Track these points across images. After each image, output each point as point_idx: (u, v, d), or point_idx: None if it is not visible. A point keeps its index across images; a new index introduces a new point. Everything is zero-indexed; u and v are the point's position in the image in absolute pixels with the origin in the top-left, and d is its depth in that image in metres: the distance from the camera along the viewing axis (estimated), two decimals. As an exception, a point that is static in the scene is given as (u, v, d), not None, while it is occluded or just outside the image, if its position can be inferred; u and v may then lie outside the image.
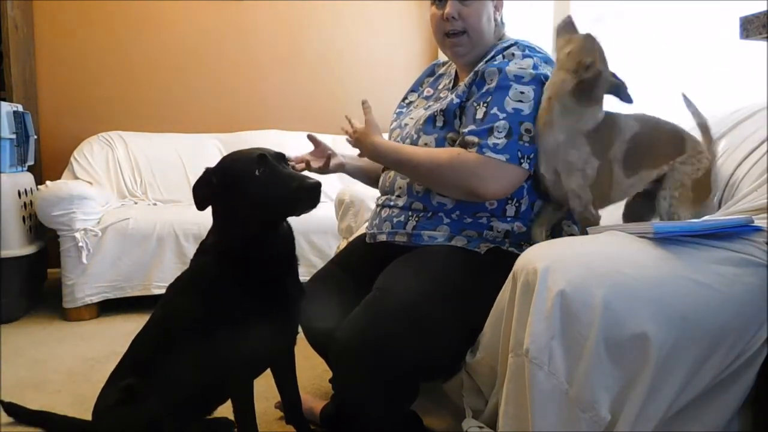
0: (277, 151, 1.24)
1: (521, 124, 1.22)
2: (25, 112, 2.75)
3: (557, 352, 0.89)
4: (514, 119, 1.22)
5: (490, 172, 1.21)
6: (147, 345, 1.34)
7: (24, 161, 2.76)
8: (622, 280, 0.91)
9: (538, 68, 1.26)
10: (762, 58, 1.52)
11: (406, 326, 1.11)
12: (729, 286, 0.94)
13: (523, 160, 1.21)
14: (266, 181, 1.18)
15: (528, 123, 1.22)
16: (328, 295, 1.44)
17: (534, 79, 1.25)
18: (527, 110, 1.23)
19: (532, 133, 1.22)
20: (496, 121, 1.22)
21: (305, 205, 1.19)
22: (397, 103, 1.59)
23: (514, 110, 1.22)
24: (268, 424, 1.59)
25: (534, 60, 1.27)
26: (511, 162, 1.20)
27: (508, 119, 1.22)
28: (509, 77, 1.26)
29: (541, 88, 1.24)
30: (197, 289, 1.28)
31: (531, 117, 1.22)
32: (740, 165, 1.30)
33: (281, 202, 1.19)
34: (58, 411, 1.57)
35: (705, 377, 0.92)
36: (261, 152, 1.20)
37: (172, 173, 3.19)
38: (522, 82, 1.25)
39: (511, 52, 1.30)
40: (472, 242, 1.27)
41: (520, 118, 1.22)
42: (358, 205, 2.18)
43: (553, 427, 0.89)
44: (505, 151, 1.20)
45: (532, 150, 1.22)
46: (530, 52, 1.29)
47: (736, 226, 1.02)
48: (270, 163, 1.19)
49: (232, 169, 1.22)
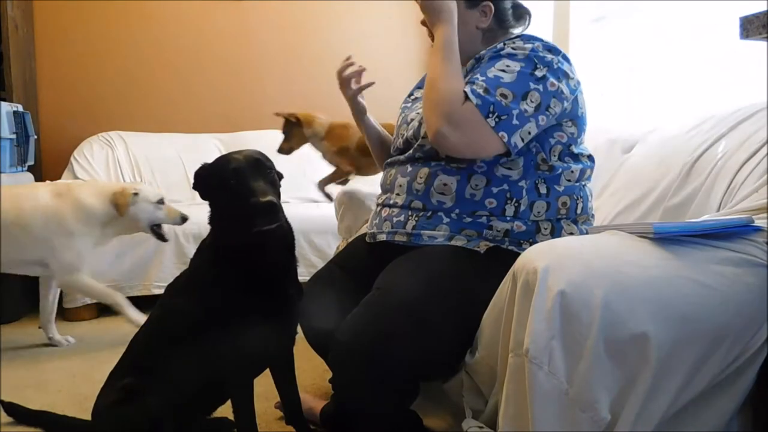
0: (258, 158, 1.24)
1: (497, 88, 1.22)
2: (25, 112, 2.75)
3: (557, 352, 0.89)
4: (492, 83, 1.22)
5: (464, 124, 1.21)
6: (146, 345, 1.34)
7: (24, 161, 2.76)
8: (622, 280, 0.91)
9: (536, 52, 1.26)
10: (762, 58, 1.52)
11: (406, 326, 1.11)
12: (729, 286, 0.94)
13: (491, 115, 1.20)
14: (233, 191, 1.19)
15: (504, 89, 1.22)
16: (328, 295, 1.44)
17: (526, 58, 1.25)
18: (507, 79, 1.23)
19: (508, 99, 1.21)
20: (476, 81, 1.24)
21: (259, 222, 1.18)
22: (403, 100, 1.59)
23: (494, 76, 1.23)
24: (268, 424, 1.59)
25: (535, 45, 1.27)
26: (480, 110, 1.20)
27: (486, 81, 1.23)
28: (502, 54, 1.27)
29: (533, 67, 1.24)
30: (196, 289, 1.28)
31: (508, 85, 1.22)
32: (742, 167, 1.30)
33: (241, 217, 1.18)
34: (58, 411, 1.57)
35: (705, 377, 0.92)
36: (236, 164, 1.20)
37: (172, 173, 3.18)
38: (512, 58, 1.25)
39: (514, 41, 1.31)
40: (471, 241, 1.27)
41: (497, 83, 1.22)
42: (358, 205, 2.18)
43: (553, 427, 0.88)
44: (479, 97, 1.21)
45: (505, 110, 1.21)
46: (534, 41, 1.30)
47: (736, 226, 1.02)
48: (241, 174, 1.19)
49: (212, 173, 1.24)
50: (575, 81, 1.31)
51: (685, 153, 1.54)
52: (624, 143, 1.86)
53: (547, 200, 1.29)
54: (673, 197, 1.51)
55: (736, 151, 1.36)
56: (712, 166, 1.42)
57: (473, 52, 1.37)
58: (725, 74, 1.94)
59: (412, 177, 1.35)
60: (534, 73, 1.23)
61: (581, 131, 1.35)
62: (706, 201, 1.40)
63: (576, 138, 1.34)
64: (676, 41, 2.17)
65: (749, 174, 1.26)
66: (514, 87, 1.22)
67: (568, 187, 1.32)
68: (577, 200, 1.34)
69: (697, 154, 1.50)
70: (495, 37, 1.40)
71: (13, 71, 2.92)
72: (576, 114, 1.32)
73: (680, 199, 1.49)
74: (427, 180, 1.32)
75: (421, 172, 1.33)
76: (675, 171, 1.54)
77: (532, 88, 1.23)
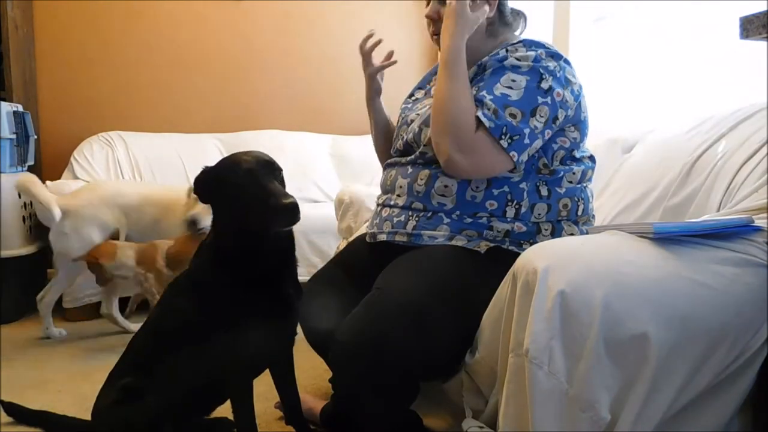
0: (268, 160, 1.24)
1: (506, 108, 1.22)
2: (25, 112, 2.75)
3: (557, 352, 0.89)
4: (500, 102, 1.22)
5: (476, 147, 1.21)
6: (145, 344, 1.34)
7: (24, 161, 2.76)
8: (622, 280, 0.91)
9: (539, 61, 1.26)
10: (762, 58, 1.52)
11: (406, 326, 1.11)
12: (729, 286, 0.94)
13: (504, 137, 1.21)
14: (248, 193, 1.18)
15: (513, 108, 1.22)
16: (328, 295, 1.44)
17: (531, 70, 1.25)
18: (514, 96, 1.23)
19: (518, 119, 1.21)
20: (483, 100, 1.23)
21: (281, 223, 1.18)
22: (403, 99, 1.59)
23: (501, 95, 1.23)
24: (268, 424, 1.59)
25: (537, 53, 1.27)
26: (493, 133, 1.20)
27: (494, 101, 1.22)
28: (506, 66, 1.26)
29: (538, 78, 1.24)
30: (195, 289, 1.28)
31: (517, 103, 1.22)
32: (742, 167, 1.30)
33: (258, 218, 1.18)
34: (58, 411, 1.57)
35: (705, 377, 0.92)
36: (249, 165, 1.19)
37: (172, 173, 3.18)
38: (517, 71, 1.25)
39: (516, 47, 1.30)
40: (472, 241, 1.27)
41: (505, 101, 1.22)
42: (358, 205, 2.18)
43: (553, 427, 0.88)
44: (491, 120, 1.21)
45: (516, 131, 1.21)
46: (536, 47, 1.29)
47: (736, 226, 1.02)
48: (255, 176, 1.19)
49: (220, 175, 1.23)
50: (578, 86, 1.32)
51: (685, 153, 1.54)
52: (624, 143, 1.86)
53: (548, 202, 1.29)
54: (673, 197, 1.51)
55: (736, 151, 1.36)
56: (712, 166, 1.42)
57: (477, 49, 1.35)
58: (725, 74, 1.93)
59: (413, 178, 1.35)
60: (540, 85, 1.23)
61: (584, 135, 1.35)
62: (706, 201, 1.40)
63: (578, 142, 1.34)
64: (676, 41, 2.17)
65: (749, 174, 1.26)
66: (523, 104, 1.22)
67: (570, 189, 1.32)
68: (578, 202, 1.33)
69: (697, 154, 1.50)
70: (496, 31, 1.39)
71: (13, 71, 2.91)
72: (579, 118, 1.32)
73: (680, 199, 1.49)
74: (427, 182, 1.32)
75: (422, 173, 1.33)
76: (675, 171, 1.54)
77: (540, 102, 1.23)
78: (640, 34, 2.37)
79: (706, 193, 1.41)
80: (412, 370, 1.16)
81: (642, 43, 2.36)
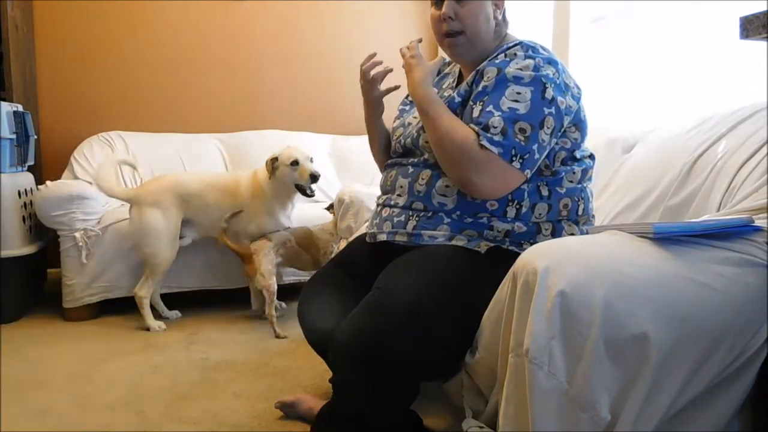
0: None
1: (515, 123, 1.22)
2: (25, 112, 2.75)
3: (557, 352, 0.89)
4: (509, 117, 1.22)
5: (489, 170, 1.21)
6: None
7: (24, 161, 2.76)
8: (622, 280, 0.91)
9: (539, 69, 1.26)
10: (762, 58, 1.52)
11: (406, 326, 1.11)
12: (729, 286, 0.94)
13: (515, 159, 1.21)
14: None
15: (522, 122, 1.22)
16: (328, 295, 1.44)
17: (533, 81, 1.25)
18: (522, 110, 1.23)
19: (527, 133, 1.22)
20: (491, 118, 1.22)
21: None
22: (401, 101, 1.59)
23: (509, 109, 1.23)
24: (268, 424, 1.59)
25: (536, 61, 1.27)
26: (503, 157, 1.20)
27: (502, 117, 1.22)
28: (508, 78, 1.26)
29: (541, 89, 1.24)
30: None
31: (526, 117, 1.22)
32: (742, 167, 1.30)
33: None
34: (58, 411, 1.57)
35: (705, 377, 0.92)
36: None
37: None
38: (520, 83, 1.25)
39: (514, 52, 1.30)
40: (472, 241, 1.27)
41: (514, 116, 1.22)
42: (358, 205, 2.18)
43: (553, 427, 0.89)
44: (499, 145, 1.21)
45: (526, 150, 1.22)
46: (533, 53, 1.29)
47: (736, 226, 1.02)
48: None
49: None
50: (576, 88, 1.32)
51: (685, 153, 1.54)
52: (624, 143, 1.86)
53: (548, 202, 1.30)
54: (673, 197, 1.51)
55: (736, 151, 1.37)
56: (712, 166, 1.43)
57: (484, 51, 1.36)
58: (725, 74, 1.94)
59: (414, 178, 1.35)
60: (545, 95, 1.24)
61: (584, 135, 1.36)
62: (706, 201, 1.40)
63: (579, 142, 1.34)
64: (676, 41, 2.17)
65: (749, 174, 1.26)
66: (531, 117, 1.22)
67: (570, 189, 1.32)
68: (578, 202, 1.34)
69: (697, 154, 1.50)
70: (500, 32, 1.40)
71: (13, 71, 2.91)
72: (579, 119, 1.33)
73: (680, 199, 1.49)
74: (429, 182, 1.32)
75: (424, 173, 1.33)
76: (675, 171, 1.54)
77: (546, 113, 1.23)
78: (640, 34, 2.37)
79: (706, 193, 1.41)
80: (411, 370, 1.16)
81: (642, 43, 2.36)
